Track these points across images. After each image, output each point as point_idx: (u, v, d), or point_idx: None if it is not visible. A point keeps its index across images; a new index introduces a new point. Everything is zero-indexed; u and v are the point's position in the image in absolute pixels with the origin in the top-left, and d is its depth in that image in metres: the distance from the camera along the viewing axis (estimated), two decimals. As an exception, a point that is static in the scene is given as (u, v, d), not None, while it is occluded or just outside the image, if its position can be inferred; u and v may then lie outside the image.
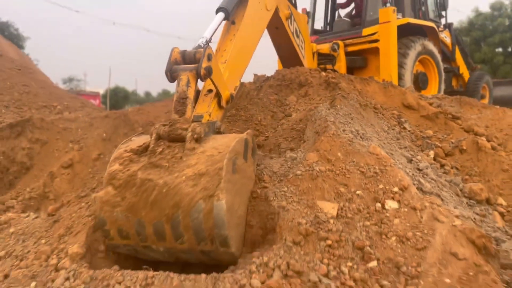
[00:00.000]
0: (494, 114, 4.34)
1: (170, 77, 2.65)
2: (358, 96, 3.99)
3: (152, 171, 2.23)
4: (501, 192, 3.25)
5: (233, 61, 3.29)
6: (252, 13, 3.63)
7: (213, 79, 2.67)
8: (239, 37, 3.38)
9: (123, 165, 2.30)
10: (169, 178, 2.19)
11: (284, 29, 4.73)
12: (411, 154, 3.45)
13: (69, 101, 5.52)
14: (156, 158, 2.26)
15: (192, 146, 2.29)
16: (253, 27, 3.71)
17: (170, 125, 2.38)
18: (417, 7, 6.91)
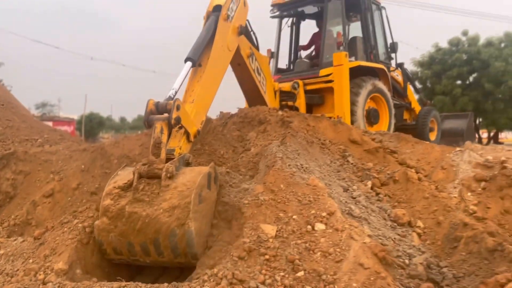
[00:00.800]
0: (424, 149, 5.04)
1: (147, 125, 3.32)
2: (306, 134, 4.62)
3: (137, 204, 2.89)
4: (420, 216, 3.87)
5: (200, 100, 3.96)
6: (216, 55, 4.31)
7: (182, 123, 3.30)
8: (205, 78, 4.06)
9: (113, 200, 2.95)
10: (150, 210, 2.85)
11: (246, 66, 5.43)
12: (347, 184, 4.07)
13: (49, 134, 5.96)
14: (139, 194, 2.91)
15: (166, 184, 2.93)
16: (217, 67, 4.39)
17: (148, 166, 3.04)
18: (369, 51, 7.75)
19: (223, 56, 4.53)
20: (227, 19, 4.52)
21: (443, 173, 4.51)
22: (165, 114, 3.28)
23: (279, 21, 8.54)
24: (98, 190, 4.30)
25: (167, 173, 2.94)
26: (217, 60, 4.33)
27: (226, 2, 4.52)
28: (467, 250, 3.27)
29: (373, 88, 7.35)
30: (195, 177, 2.98)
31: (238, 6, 4.80)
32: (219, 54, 4.38)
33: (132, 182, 2.98)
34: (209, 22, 4.33)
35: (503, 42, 21.75)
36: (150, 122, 3.27)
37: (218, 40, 4.30)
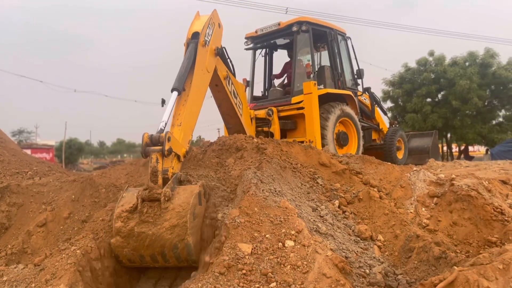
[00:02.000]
0: (386, 169, 5.58)
1: (144, 155, 3.93)
2: (279, 160, 5.10)
3: (143, 225, 3.56)
4: (381, 230, 4.36)
5: (186, 123, 4.54)
6: (197, 79, 4.88)
7: (173, 150, 3.91)
8: (189, 101, 4.65)
9: (123, 222, 3.62)
10: (155, 229, 3.53)
11: (223, 87, 5.95)
12: (316, 204, 4.54)
13: (37, 166, 6.27)
14: (144, 216, 3.58)
15: (165, 206, 3.57)
16: (199, 90, 4.93)
17: (149, 191, 3.65)
18: (336, 78, 8.39)
19: (204, 79, 5.10)
20: (205, 45, 5.09)
21: (401, 191, 5.04)
22: (159, 145, 3.85)
23: (253, 52, 9.15)
24: (88, 218, 4.66)
25: (165, 197, 3.56)
26: (199, 83, 4.89)
27: (203, 29, 5.08)
28: (418, 259, 3.76)
29: (341, 113, 7.94)
30: (188, 198, 3.61)
31: (213, 30, 5.37)
32: (200, 77, 4.96)
33: (137, 205, 3.60)
34: (189, 50, 4.89)
35: (467, 61, 23.01)
36: (147, 153, 3.85)
37: (198, 65, 4.88)
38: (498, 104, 23.81)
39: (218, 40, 5.55)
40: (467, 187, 4.47)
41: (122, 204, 3.73)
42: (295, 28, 8.00)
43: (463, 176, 5.07)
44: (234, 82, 6.18)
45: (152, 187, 3.66)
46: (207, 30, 5.17)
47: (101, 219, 4.09)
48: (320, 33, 8.50)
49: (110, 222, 3.97)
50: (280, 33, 8.52)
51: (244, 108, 6.61)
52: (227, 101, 6.16)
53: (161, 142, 3.81)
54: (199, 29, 5.05)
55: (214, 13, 5.50)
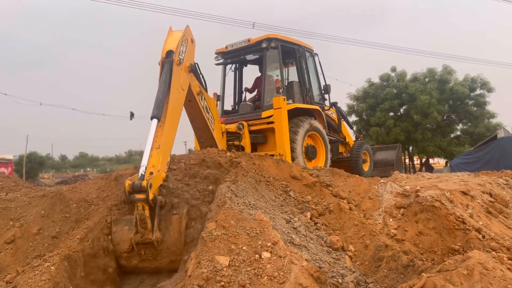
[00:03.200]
0: (355, 182, 5.78)
1: (129, 203, 4.13)
2: (254, 173, 5.20)
3: (145, 262, 4.10)
4: (352, 241, 4.52)
5: (164, 143, 4.62)
6: (174, 99, 4.97)
7: (155, 189, 4.13)
8: (167, 123, 4.74)
9: (126, 261, 4.14)
10: (157, 263, 4.08)
11: (196, 102, 6.02)
12: (289, 216, 4.66)
13: (2, 181, 6.11)
14: (143, 256, 4.05)
15: (160, 248, 4.01)
16: (176, 109, 5.04)
17: (141, 236, 3.98)
18: (304, 93, 8.64)
19: (179, 97, 5.20)
20: (179, 64, 5.16)
21: (370, 202, 5.24)
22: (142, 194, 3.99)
23: (223, 67, 9.29)
24: (59, 234, 4.58)
25: (157, 242, 3.97)
26: (175, 103, 5.01)
27: (177, 47, 5.15)
28: (388, 268, 3.93)
29: (310, 127, 8.17)
30: (178, 237, 4.06)
31: (187, 46, 5.45)
32: (176, 97, 5.06)
33: (133, 247, 4.02)
34: (164, 72, 4.97)
35: (427, 77, 24.08)
36: (132, 201, 4.02)
37: (174, 85, 4.97)
38: (456, 119, 24.96)
39: (191, 56, 5.65)
40: (431, 198, 4.71)
41: (117, 242, 4.11)
42: (264, 45, 8.20)
43: (427, 188, 5.33)
44: (206, 97, 6.28)
45: (143, 232, 3.97)
46: (181, 48, 5.25)
47: (78, 237, 4.03)
48: (288, 49, 8.75)
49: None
50: (250, 49, 8.70)
51: (216, 123, 6.70)
52: (199, 116, 6.25)
53: (143, 191, 3.95)
54: (173, 47, 5.12)
55: (187, 29, 5.59)
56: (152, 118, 4.58)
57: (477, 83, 23.42)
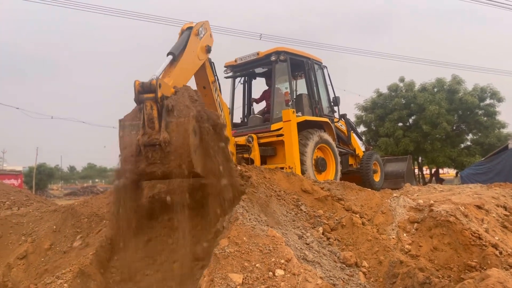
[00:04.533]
0: (367, 195, 5.73)
1: (138, 103, 3.99)
2: (265, 188, 5.17)
3: (152, 166, 3.90)
4: (365, 257, 4.46)
5: (175, 76, 4.68)
6: (187, 56, 5.11)
7: (163, 93, 4.00)
8: (178, 67, 4.82)
9: (133, 165, 3.94)
10: (164, 168, 3.90)
11: (210, 90, 6.15)
12: (302, 232, 4.61)
13: (14, 196, 6.14)
14: (150, 160, 3.88)
15: (167, 150, 3.83)
16: (188, 65, 5.17)
17: (148, 137, 3.84)
18: (313, 106, 8.63)
19: (193, 60, 5.39)
20: (198, 35, 5.41)
21: (383, 217, 5.18)
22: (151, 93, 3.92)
23: (232, 81, 9.33)
24: (71, 249, 4.58)
25: (165, 143, 3.80)
26: (188, 59, 5.16)
27: (196, 24, 5.46)
28: (403, 285, 3.86)
29: (320, 139, 8.14)
30: (185, 138, 3.85)
31: (205, 34, 5.67)
32: (191, 56, 5.23)
33: (140, 150, 3.88)
34: (183, 35, 5.23)
35: (436, 87, 23.96)
36: (140, 100, 3.92)
37: (190, 47, 5.15)
38: (466, 129, 24.75)
39: (209, 42, 5.82)
40: (445, 212, 4.65)
41: (124, 147, 3.99)
42: (273, 58, 8.22)
43: (440, 202, 5.26)
44: (220, 97, 6.40)
45: (150, 132, 3.85)
46: (200, 27, 5.50)
47: (91, 254, 4.02)
48: (297, 62, 8.76)
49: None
50: (259, 62, 8.73)
51: (228, 129, 6.70)
52: (213, 109, 6.19)
53: (153, 89, 3.89)
54: (192, 24, 5.40)
55: (206, 23, 5.83)
56: (168, 54, 4.71)
57: (486, 93, 23.26)
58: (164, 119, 3.89)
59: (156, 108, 3.91)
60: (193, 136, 3.93)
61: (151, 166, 3.91)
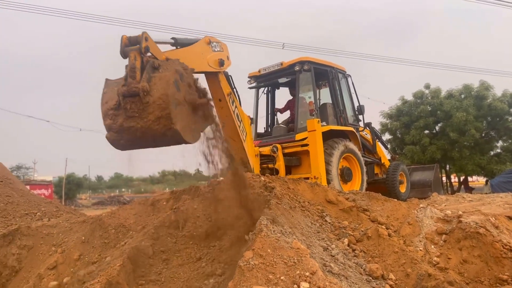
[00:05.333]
0: (393, 206, 5.64)
1: (123, 56, 3.98)
2: (289, 199, 5.16)
3: (131, 120, 3.77)
4: (392, 269, 4.38)
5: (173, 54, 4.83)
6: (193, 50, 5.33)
7: (151, 51, 4.04)
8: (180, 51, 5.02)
9: (112, 119, 3.83)
10: (142, 122, 3.74)
11: (226, 103, 6.23)
12: (327, 243, 4.58)
13: (45, 207, 6.32)
14: (129, 112, 3.76)
15: (146, 100, 3.69)
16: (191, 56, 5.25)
17: (128, 86, 3.75)
18: (338, 115, 8.58)
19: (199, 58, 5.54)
20: (209, 44, 5.67)
21: (409, 228, 5.08)
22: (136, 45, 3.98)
23: (256, 91, 9.39)
24: (99, 260, 4.68)
25: (144, 92, 3.69)
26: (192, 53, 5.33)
27: (210, 37, 5.73)
28: (432, 299, 3.78)
29: (345, 149, 8.08)
30: (165, 89, 3.74)
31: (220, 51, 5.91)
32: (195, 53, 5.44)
33: (120, 103, 3.80)
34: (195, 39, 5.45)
35: (463, 93, 23.43)
36: (126, 53, 3.94)
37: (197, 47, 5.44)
38: (496, 135, 24.06)
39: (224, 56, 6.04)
40: (475, 224, 4.53)
41: (106, 101, 3.91)
42: (297, 68, 8.25)
43: (470, 213, 5.13)
44: (239, 109, 6.49)
45: (130, 82, 3.77)
46: (214, 42, 5.75)
47: (118, 265, 4.09)
48: (321, 71, 8.76)
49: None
50: (283, 72, 8.77)
51: (248, 139, 6.76)
52: (230, 121, 6.36)
53: (139, 42, 3.94)
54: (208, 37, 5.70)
55: (225, 45, 6.09)
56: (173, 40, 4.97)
57: (517, 99, 22.62)
58: (147, 72, 3.86)
59: (140, 59, 3.92)
60: (175, 89, 3.82)
61: (130, 120, 3.78)
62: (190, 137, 3.93)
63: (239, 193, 4.59)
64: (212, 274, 4.06)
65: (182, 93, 3.93)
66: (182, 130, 3.81)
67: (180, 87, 3.90)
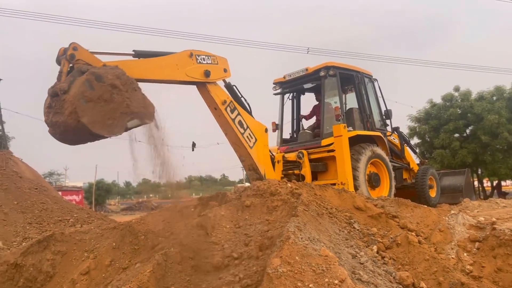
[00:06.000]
0: (423, 213, 5.53)
1: (58, 63, 4.88)
2: (316, 206, 5.13)
3: (56, 116, 4.55)
4: (423, 277, 4.29)
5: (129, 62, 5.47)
6: (162, 62, 5.85)
7: (85, 59, 4.88)
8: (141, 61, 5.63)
9: (47, 116, 4.74)
10: (62, 117, 4.50)
11: (221, 112, 6.55)
12: (355, 251, 4.52)
13: (77, 213, 6.50)
14: (54, 109, 4.54)
15: (63, 98, 4.46)
16: (158, 69, 5.79)
17: (53, 87, 4.59)
18: (365, 120, 8.49)
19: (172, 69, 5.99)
20: (190, 56, 6.17)
21: (440, 235, 4.97)
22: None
23: (281, 97, 9.40)
24: (129, 265, 4.77)
25: (60, 91, 4.46)
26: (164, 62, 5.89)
27: (195, 50, 6.25)
28: (465, 308, 3.68)
29: (372, 154, 7.98)
30: (77, 87, 4.43)
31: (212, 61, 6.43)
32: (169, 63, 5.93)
33: (50, 102, 4.59)
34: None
35: (494, 95, 22.74)
36: (59, 60, 4.83)
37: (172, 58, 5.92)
38: (530, 138, 23.21)
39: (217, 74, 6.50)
40: (510, 231, 4.39)
41: (45, 102, 4.70)
42: (322, 73, 8.22)
43: (504, 220, 4.98)
44: (244, 116, 6.79)
45: (55, 84, 4.60)
46: (202, 55, 6.29)
47: (149, 271, 4.16)
48: (347, 76, 8.70)
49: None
50: (308, 78, 8.75)
51: (259, 146, 6.95)
52: (231, 130, 6.74)
53: (65, 51, 4.77)
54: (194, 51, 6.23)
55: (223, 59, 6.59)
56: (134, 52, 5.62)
57: (552, 100, 21.77)
58: (73, 75, 4.58)
59: (67, 65, 4.74)
60: (85, 88, 4.42)
61: (55, 115, 4.52)
62: (101, 130, 4.55)
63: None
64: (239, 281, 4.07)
65: (97, 92, 4.50)
66: (90, 123, 4.44)
67: (95, 87, 4.48)
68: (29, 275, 4.81)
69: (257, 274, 3.92)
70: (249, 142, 6.80)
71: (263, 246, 4.45)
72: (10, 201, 5.97)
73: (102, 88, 4.54)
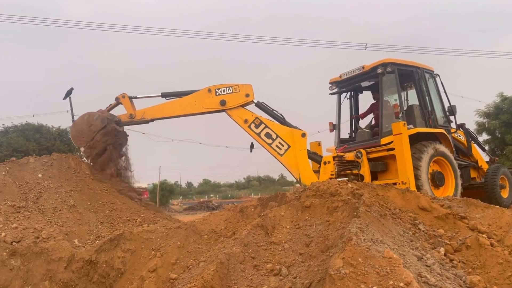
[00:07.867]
0: (494, 213, 5.22)
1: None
2: (378, 207, 5.01)
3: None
4: (496, 282, 4.06)
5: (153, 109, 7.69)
6: (184, 101, 7.74)
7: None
8: (167, 106, 7.90)
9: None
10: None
11: (247, 130, 7.68)
12: (421, 253, 4.37)
13: (144, 213, 6.83)
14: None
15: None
16: (179, 106, 7.86)
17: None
18: (427, 117, 8.14)
19: (189, 105, 7.75)
20: (209, 91, 7.56)
21: (515, 237, 4.67)
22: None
23: (338, 97, 9.26)
24: (193, 264, 4.94)
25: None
26: (183, 103, 7.73)
27: (220, 85, 7.66)
28: (545, 316, 3.44)
29: (435, 152, 7.64)
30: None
31: (233, 91, 7.58)
32: (187, 102, 7.70)
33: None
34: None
35: None
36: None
37: (191, 97, 7.61)
38: None
39: (235, 101, 7.66)
40: None
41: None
42: (380, 70, 8.00)
43: None
44: (273, 127, 7.67)
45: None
46: (223, 87, 7.55)
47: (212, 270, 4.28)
48: (406, 72, 8.41)
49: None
50: (365, 76, 8.55)
51: (294, 151, 7.45)
52: (259, 141, 7.72)
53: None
54: (217, 86, 7.70)
55: (247, 86, 7.63)
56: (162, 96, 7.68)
57: None
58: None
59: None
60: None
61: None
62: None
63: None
64: (300, 281, 4.08)
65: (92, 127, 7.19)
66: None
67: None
68: (103, 271, 5.14)
69: (319, 275, 3.91)
70: (279, 150, 7.53)
71: (324, 247, 4.43)
72: (84, 201, 6.41)
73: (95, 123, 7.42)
